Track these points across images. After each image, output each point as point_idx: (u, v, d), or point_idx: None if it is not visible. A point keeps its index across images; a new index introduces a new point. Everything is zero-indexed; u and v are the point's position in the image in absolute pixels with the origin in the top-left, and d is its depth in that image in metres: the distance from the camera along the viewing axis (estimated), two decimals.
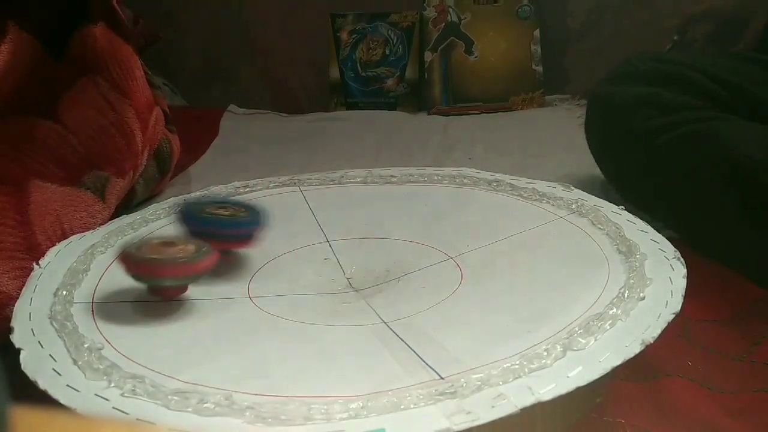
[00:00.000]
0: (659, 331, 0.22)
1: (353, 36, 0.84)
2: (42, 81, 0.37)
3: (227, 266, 0.30)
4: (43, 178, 0.35)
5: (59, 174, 0.37)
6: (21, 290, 0.27)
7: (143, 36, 0.58)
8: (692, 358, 0.29)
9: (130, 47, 0.45)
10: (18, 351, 0.22)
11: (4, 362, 0.10)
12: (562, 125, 0.69)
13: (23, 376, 0.21)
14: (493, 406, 0.19)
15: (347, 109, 0.83)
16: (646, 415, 0.25)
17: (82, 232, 0.34)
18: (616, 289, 0.25)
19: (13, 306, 0.26)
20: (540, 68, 0.80)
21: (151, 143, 0.47)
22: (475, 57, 0.81)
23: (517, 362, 0.21)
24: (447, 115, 0.79)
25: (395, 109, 0.82)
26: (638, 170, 0.43)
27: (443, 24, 0.82)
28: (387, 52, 0.82)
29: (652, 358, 0.29)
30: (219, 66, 0.89)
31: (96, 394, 0.20)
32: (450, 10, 0.82)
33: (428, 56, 0.81)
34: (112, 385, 0.20)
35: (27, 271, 0.29)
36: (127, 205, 0.45)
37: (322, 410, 0.19)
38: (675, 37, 0.53)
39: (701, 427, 0.25)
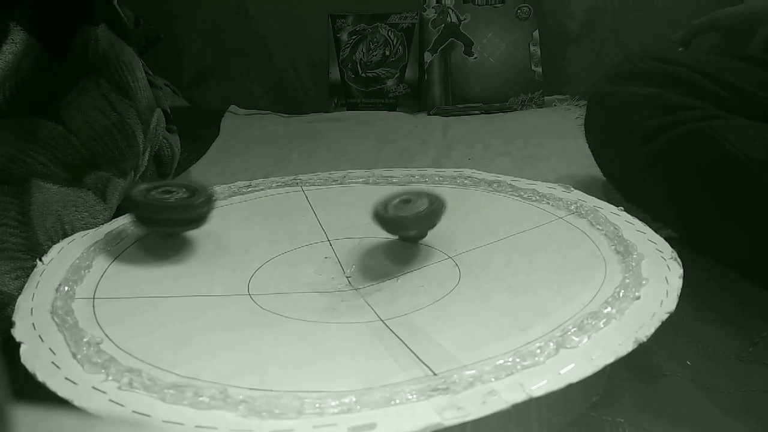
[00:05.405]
0: (653, 330, 0.22)
1: (353, 37, 0.84)
2: (43, 82, 0.37)
3: (228, 264, 0.31)
4: (44, 178, 0.36)
5: (61, 174, 0.37)
6: (22, 290, 0.27)
7: (144, 37, 0.58)
8: (691, 357, 0.29)
9: (132, 48, 0.45)
10: (18, 346, 0.23)
11: (7, 360, 0.11)
12: (562, 126, 0.69)
13: (25, 372, 0.21)
14: (484, 402, 0.19)
15: (347, 110, 0.83)
16: (645, 414, 0.25)
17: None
18: (611, 289, 0.26)
19: (15, 306, 0.26)
20: (539, 69, 0.81)
21: (152, 144, 0.48)
22: (475, 58, 0.81)
23: (510, 359, 0.21)
24: (447, 116, 0.79)
25: (395, 110, 0.82)
26: (638, 170, 0.43)
27: (443, 25, 0.82)
28: (387, 53, 0.83)
29: (651, 357, 0.29)
30: (220, 67, 0.89)
31: (93, 387, 0.20)
32: (449, 11, 0.82)
33: (428, 57, 0.82)
34: (110, 378, 0.21)
35: (28, 272, 0.29)
36: None
37: (315, 404, 0.19)
38: (680, 49, 0.53)
39: (700, 426, 0.25)
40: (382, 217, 0.29)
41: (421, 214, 0.29)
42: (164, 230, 0.32)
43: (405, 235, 0.30)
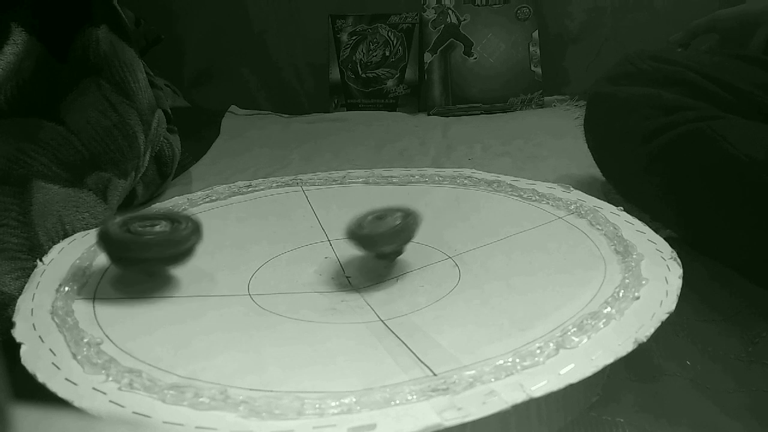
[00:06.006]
0: (652, 330, 0.22)
1: (353, 37, 0.84)
2: (45, 83, 0.37)
3: (228, 264, 0.31)
4: (45, 179, 0.36)
5: (62, 175, 0.37)
6: (23, 290, 0.27)
7: (145, 37, 0.58)
8: (691, 357, 0.29)
9: (133, 49, 0.45)
10: (19, 346, 0.23)
11: (7, 361, 0.11)
12: (561, 126, 0.69)
13: (25, 373, 0.21)
14: (484, 403, 0.19)
15: (348, 110, 0.83)
16: (644, 414, 0.26)
17: None
18: (611, 289, 0.26)
19: (15, 306, 0.26)
20: (539, 69, 0.81)
21: (153, 145, 0.48)
22: (475, 58, 0.81)
23: (510, 360, 0.21)
24: (447, 116, 0.79)
25: (395, 110, 0.82)
26: (638, 170, 0.43)
27: (443, 25, 0.82)
28: (387, 53, 0.83)
29: (651, 357, 0.29)
30: (220, 67, 0.89)
31: (93, 388, 0.20)
32: (449, 11, 0.82)
33: (428, 57, 0.82)
34: (110, 379, 0.21)
35: (29, 272, 0.29)
36: (127, 206, 0.45)
37: (315, 405, 0.19)
38: (678, 50, 0.53)
39: (700, 426, 0.25)
40: (356, 235, 0.28)
41: (394, 230, 0.28)
42: (147, 269, 0.27)
43: (380, 251, 0.29)
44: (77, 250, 0.31)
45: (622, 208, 0.33)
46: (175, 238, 0.27)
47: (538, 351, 0.21)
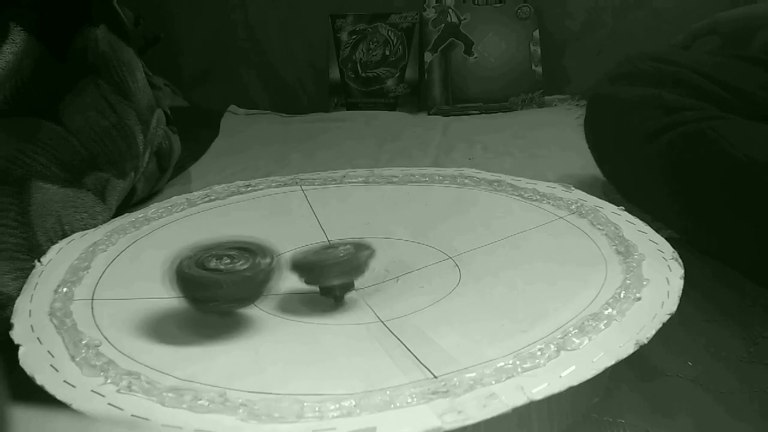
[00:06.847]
0: (654, 332, 0.22)
1: (353, 37, 0.84)
2: (43, 82, 0.37)
3: None
4: (44, 179, 0.36)
5: (60, 175, 0.37)
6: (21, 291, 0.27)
7: (144, 37, 0.58)
8: (692, 357, 0.29)
9: (131, 49, 0.45)
10: (17, 348, 0.23)
11: (6, 362, 0.10)
12: (562, 125, 0.69)
13: (22, 373, 0.21)
14: (484, 406, 0.19)
15: (347, 110, 0.83)
16: (646, 414, 0.25)
17: None
18: (612, 290, 0.25)
19: (14, 306, 0.26)
20: (539, 69, 0.80)
21: (152, 144, 0.48)
22: (475, 57, 0.81)
23: (511, 362, 0.21)
24: (447, 116, 0.79)
25: (395, 110, 0.82)
26: (638, 170, 0.43)
27: (443, 25, 0.82)
28: (387, 52, 0.83)
29: (652, 357, 0.29)
30: (219, 67, 0.89)
31: (92, 391, 0.20)
32: (450, 10, 0.82)
33: (428, 57, 0.82)
34: (109, 381, 0.20)
35: (28, 272, 0.29)
36: (127, 203, 0.45)
37: (315, 408, 0.19)
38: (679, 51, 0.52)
39: (701, 427, 0.25)
40: (298, 264, 0.25)
41: (337, 261, 0.25)
42: (223, 308, 0.25)
43: (325, 284, 0.26)
44: (76, 251, 0.31)
45: (623, 208, 0.33)
46: (258, 276, 0.24)
47: (538, 353, 0.21)
